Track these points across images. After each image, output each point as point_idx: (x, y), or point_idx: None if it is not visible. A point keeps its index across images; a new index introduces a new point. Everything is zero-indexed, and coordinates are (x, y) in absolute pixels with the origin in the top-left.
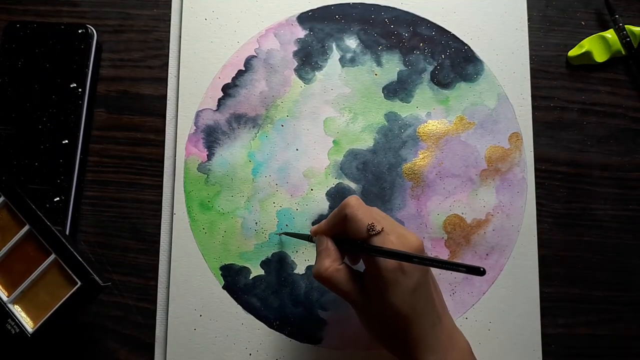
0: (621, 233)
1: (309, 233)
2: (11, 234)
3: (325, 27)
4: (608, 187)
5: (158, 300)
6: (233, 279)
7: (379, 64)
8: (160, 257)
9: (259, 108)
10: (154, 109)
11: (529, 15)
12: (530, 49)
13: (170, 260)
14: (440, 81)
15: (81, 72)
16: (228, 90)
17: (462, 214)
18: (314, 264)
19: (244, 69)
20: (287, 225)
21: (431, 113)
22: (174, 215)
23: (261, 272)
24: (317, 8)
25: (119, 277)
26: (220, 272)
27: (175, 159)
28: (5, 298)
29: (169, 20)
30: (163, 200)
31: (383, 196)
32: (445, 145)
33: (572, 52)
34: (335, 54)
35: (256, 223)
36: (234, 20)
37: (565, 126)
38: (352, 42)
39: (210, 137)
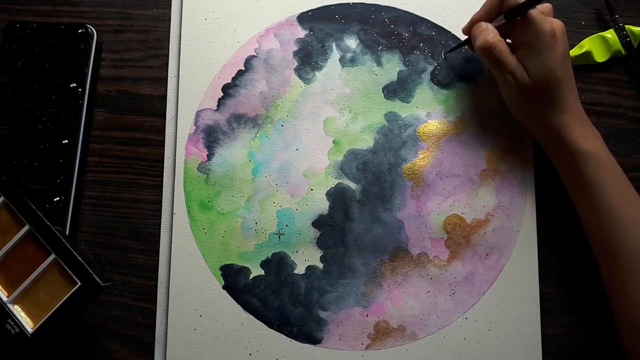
0: None
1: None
2: (11, 234)
3: (325, 27)
4: None
5: (158, 300)
6: (233, 279)
7: (379, 64)
8: (160, 257)
9: (259, 108)
10: (154, 109)
11: None
12: None
13: (170, 260)
14: (441, 81)
15: (81, 72)
16: (228, 90)
17: (462, 214)
18: (313, 264)
19: (244, 68)
20: (287, 225)
21: (431, 113)
22: (174, 215)
23: (261, 272)
24: (317, 8)
25: (119, 277)
26: (220, 272)
27: (175, 159)
28: (5, 298)
29: (169, 20)
30: (163, 200)
31: (383, 196)
32: (445, 146)
33: (572, 52)
34: (335, 54)
35: (256, 223)
36: (234, 20)
37: None
38: (352, 42)
39: (210, 137)
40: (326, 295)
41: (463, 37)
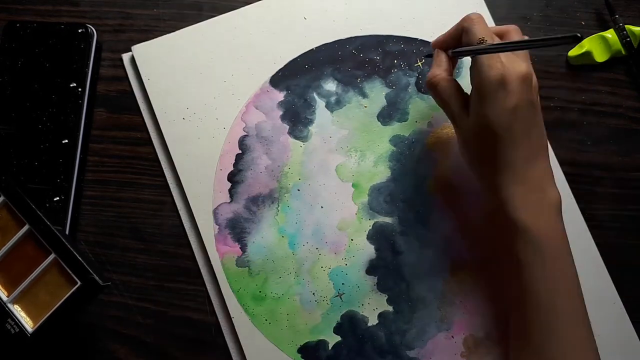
0: (621, 233)
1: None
2: (11, 234)
3: (300, 81)
4: (608, 187)
5: None
6: (314, 356)
7: (364, 95)
8: None
9: (270, 183)
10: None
11: (529, 15)
12: (531, 49)
13: None
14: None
15: (81, 72)
16: (234, 177)
17: None
18: (383, 310)
19: (240, 151)
20: (343, 283)
21: (431, 122)
22: (232, 319)
23: (338, 338)
24: (285, 66)
25: (119, 277)
26: (300, 355)
27: (211, 265)
28: (5, 298)
29: (170, 20)
30: (216, 307)
31: (421, 219)
32: (457, 147)
33: (572, 52)
34: (320, 103)
35: (313, 294)
36: (211, 109)
37: (565, 126)
38: (330, 85)
39: (236, 230)
40: (407, 334)
41: (431, 38)
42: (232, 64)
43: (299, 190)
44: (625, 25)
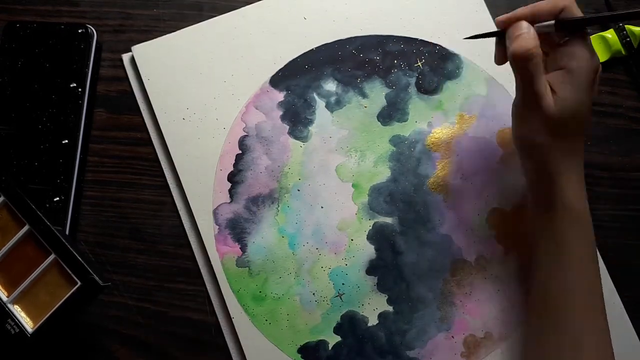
0: (621, 233)
1: (497, 29)
2: (11, 234)
3: (300, 81)
4: (608, 187)
5: None
6: (314, 356)
7: (364, 95)
8: None
9: (270, 183)
10: None
11: None
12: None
13: None
14: (427, 89)
15: (81, 72)
16: (234, 178)
17: (500, 204)
18: (383, 310)
19: (240, 151)
20: (343, 284)
21: (431, 122)
22: (233, 319)
23: (338, 338)
24: (285, 66)
25: (119, 277)
26: (300, 355)
27: (211, 265)
28: (5, 298)
29: (170, 20)
30: (216, 308)
31: (421, 219)
32: (457, 147)
33: None
34: (319, 103)
35: (313, 294)
36: (211, 109)
37: None
38: (330, 86)
39: (236, 230)
40: (407, 334)
41: (431, 38)
42: (232, 64)
43: (299, 190)
44: (625, 25)
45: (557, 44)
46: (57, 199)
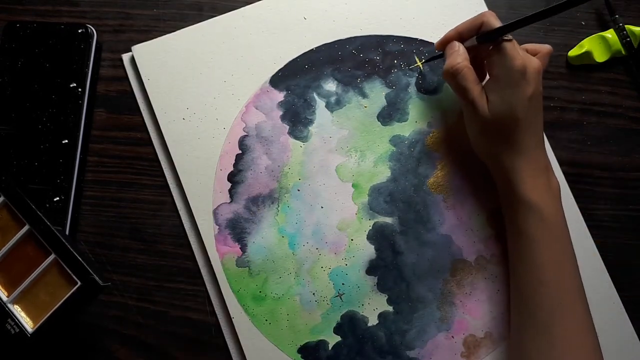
0: (621, 233)
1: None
2: (11, 234)
3: (300, 81)
4: (608, 187)
5: None
6: (314, 357)
7: (364, 95)
8: None
9: (270, 183)
10: None
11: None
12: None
13: None
14: (427, 89)
15: (81, 72)
16: (234, 178)
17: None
18: (383, 310)
19: (241, 151)
20: (343, 284)
21: (431, 122)
22: (233, 319)
23: (338, 338)
24: (285, 66)
25: (119, 277)
26: (300, 355)
27: (211, 265)
28: (5, 298)
29: (170, 20)
30: (215, 307)
31: (421, 219)
32: (457, 147)
33: (572, 52)
34: (319, 103)
35: (313, 294)
36: (211, 109)
37: (565, 126)
38: (330, 86)
39: (236, 230)
40: (407, 334)
41: (431, 38)
42: (232, 64)
43: (299, 190)
44: (625, 25)
45: (487, 55)
46: (57, 199)
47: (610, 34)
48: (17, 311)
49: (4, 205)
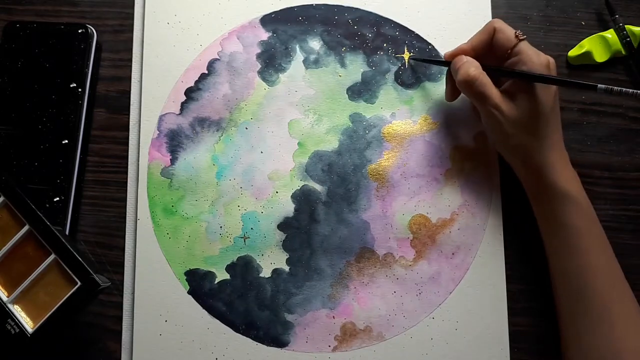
0: (621, 233)
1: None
2: (11, 234)
3: (289, 29)
4: (608, 187)
5: (124, 306)
6: (198, 284)
7: (343, 65)
8: (125, 263)
9: (222, 111)
10: None
11: (529, 15)
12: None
13: (135, 266)
14: (404, 81)
15: (81, 72)
16: (191, 94)
17: (428, 213)
18: (279, 267)
19: (207, 72)
20: (252, 228)
21: (395, 113)
22: (137, 221)
23: (227, 276)
24: (280, 10)
25: (119, 277)
26: (185, 277)
27: (138, 164)
28: (5, 298)
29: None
30: (127, 206)
31: (348, 197)
32: (409, 146)
33: (572, 52)
34: (298, 56)
35: (221, 227)
36: (196, 24)
37: (565, 126)
38: (315, 44)
39: (174, 142)
40: (292, 298)
41: (427, 37)
42: None
43: (246, 128)
44: (625, 25)
45: (505, 58)
46: (57, 199)
47: (610, 34)
48: (17, 311)
49: (4, 205)
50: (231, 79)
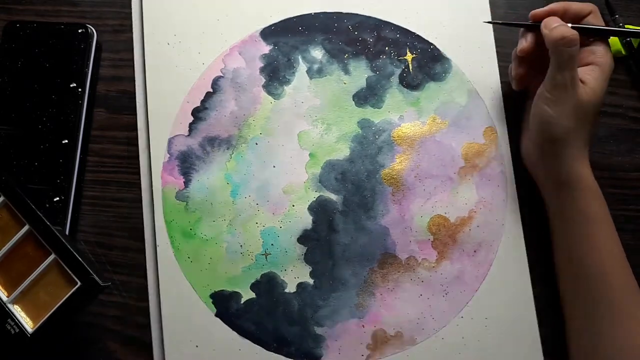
0: (621, 233)
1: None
2: (11, 234)
3: (289, 40)
4: (608, 187)
5: (152, 335)
6: (225, 306)
7: (347, 72)
8: (149, 290)
9: (231, 129)
10: None
11: (529, 15)
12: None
13: (159, 294)
14: (410, 83)
15: (81, 72)
16: (198, 113)
17: (445, 213)
18: (303, 280)
19: (212, 90)
20: (272, 244)
21: (404, 116)
22: (157, 247)
23: (252, 295)
24: (279, 22)
25: (119, 277)
26: (211, 300)
27: (152, 190)
28: (5, 298)
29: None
30: (145, 233)
31: (365, 204)
32: (420, 147)
33: None
34: (302, 67)
35: (241, 246)
36: (196, 42)
37: None
38: (317, 53)
39: (185, 164)
40: (320, 310)
41: (428, 37)
42: (228, 5)
43: (256, 144)
44: (625, 25)
45: (581, 44)
46: (57, 199)
47: None
48: (17, 311)
49: (4, 205)
50: (237, 95)
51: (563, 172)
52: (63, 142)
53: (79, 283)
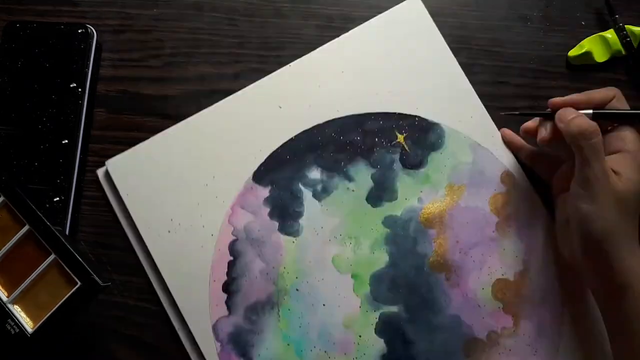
0: None
1: (547, 109)
2: (11, 234)
3: (284, 173)
4: None
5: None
6: None
7: (350, 179)
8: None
9: (267, 287)
10: (153, 108)
11: (529, 15)
12: (530, 49)
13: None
14: (412, 163)
15: (81, 72)
16: (229, 287)
17: (503, 275)
18: None
19: (232, 258)
20: None
21: (421, 197)
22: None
23: None
24: (265, 159)
25: (119, 277)
26: None
27: None
28: (5, 298)
29: (170, 20)
30: None
31: (427, 302)
32: (451, 221)
33: (572, 52)
34: (306, 194)
35: None
36: (196, 217)
37: None
38: (315, 174)
39: (239, 344)
40: None
41: (409, 111)
42: (211, 166)
43: (297, 290)
44: (625, 25)
45: (606, 130)
46: (57, 199)
47: (610, 34)
48: (17, 311)
49: (4, 205)
50: (258, 251)
51: (616, 273)
52: (63, 142)
53: (79, 283)
